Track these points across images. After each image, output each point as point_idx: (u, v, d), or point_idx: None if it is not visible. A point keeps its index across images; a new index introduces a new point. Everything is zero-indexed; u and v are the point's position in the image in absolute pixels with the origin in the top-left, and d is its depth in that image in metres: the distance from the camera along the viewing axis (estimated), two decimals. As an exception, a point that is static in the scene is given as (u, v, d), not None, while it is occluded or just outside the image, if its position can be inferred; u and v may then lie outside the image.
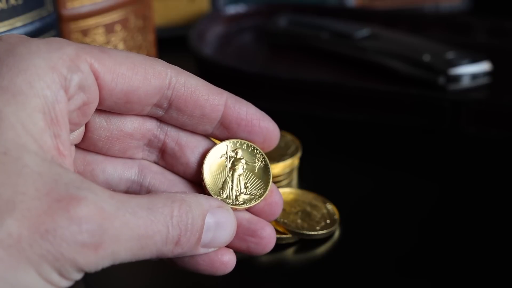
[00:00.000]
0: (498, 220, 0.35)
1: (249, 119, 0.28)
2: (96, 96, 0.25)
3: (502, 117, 0.43)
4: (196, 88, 0.27)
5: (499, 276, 0.31)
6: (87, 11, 0.42)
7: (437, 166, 0.41)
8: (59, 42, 0.25)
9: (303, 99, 0.47)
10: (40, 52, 0.24)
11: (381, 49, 0.50)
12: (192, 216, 0.25)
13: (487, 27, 0.55)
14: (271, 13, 0.59)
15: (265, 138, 0.29)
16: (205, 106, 0.28)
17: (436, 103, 0.44)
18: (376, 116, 0.45)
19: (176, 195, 0.25)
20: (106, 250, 0.22)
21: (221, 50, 0.55)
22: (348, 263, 0.32)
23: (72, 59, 0.24)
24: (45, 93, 0.23)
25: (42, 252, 0.21)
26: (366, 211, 0.36)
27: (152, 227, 0.23)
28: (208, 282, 0.31)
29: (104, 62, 0.25)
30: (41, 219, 0.21)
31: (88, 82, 0.25)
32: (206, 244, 0.26)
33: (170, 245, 0.24)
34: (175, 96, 0.27)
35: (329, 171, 0.40)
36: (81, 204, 0.22)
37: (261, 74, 0.48)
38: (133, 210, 0.23)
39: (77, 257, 0.22)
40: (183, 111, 0.27)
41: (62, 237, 0.21)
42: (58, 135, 0.24)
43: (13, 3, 0.33)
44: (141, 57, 0.27)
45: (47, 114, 0.23)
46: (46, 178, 0.22)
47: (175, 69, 0.27)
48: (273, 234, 0.29)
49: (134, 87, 0.26)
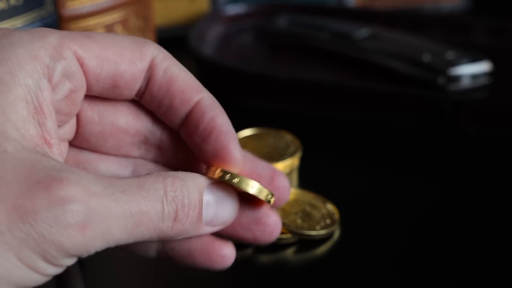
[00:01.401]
0: (498, 220, 0.35)
1: (210, 126, 0.26)
2: (82, 83, 0.25)
3: (502, 117, 0.43)
4: (175, 77, 0.26)
5: (499, 276, 0.31)
6: (87, 11, 0.42)
7: (437, 166, 0.41)
8: (42, 31, 0.24)
9: (303, 99, 0.47)
10: (22, 43, 0.23)
11: (381, 49, 0.50)
12: (188, 190, 0.24)
13: (487, 27, 0.55)
14: (271, 13, 0.59)
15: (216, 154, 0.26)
16: (176, 97, 0.26)
17: (436, 103, 0.44)
18: (376, 116, 0.45)
19: (168, 172, 0.24)
20: (95, 230, 0.21)
21: (221, 50, 0.55)
22: (348, 263, 0.32)
23: (55, 47, 0.24)
24: (27, 82, 0.23)
25: (22, 235, 0.20)
26: (366, 211, 0.36)
27: (145, 202, 0.23)
28: (208, 282, 0.31)
29: (89, 48, 0.25)
30: (20, 202, 0.20)
31: (73, 69, 0.24)
32: (209, 221, 0.25)
33: (168, 221, 0.23)
34: (151, 79, 0.26)
35: (329, 171, 0.40)
36: (62, 184, 0.21)
37: (261, 74, 0.48)
38: (122, 188, 0.22)
39: (61, 239, 0.21)
40: (154, 96, 0.27)
41: (44, 218, 0.20)
42: (43, 123, 0.23)
43: (13, 3, 0.33)
44: (128, 39, 0.26)
45: (30, 103, 0.23)
46: (25, 163, 0.21)
47: (163, 53, 0.27)
48: (279, 221, 0.28)
49: (120, 71, 0.26)
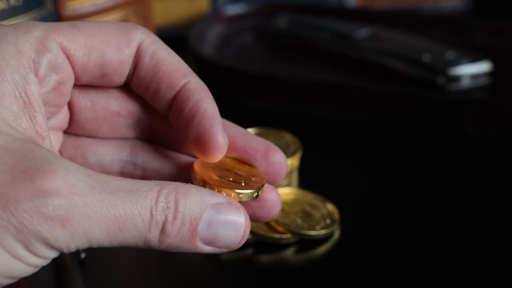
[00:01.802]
0: (498, 220, 0.35)
1: (193, 110, 0.26)
2: (70, 74, 0.25)
3: (502, 117, 0.43)
4: (161, 61, 0.27)
5: (499, 276, 0.31)
6: (87, 11, 0.42)
7: (437, 166, 0.41)
8: (27, 25, 0.24)
9: (303, 99, 0.47)
10: (7, 38, 0.24)
11: (381, 49, 0.50)
12: (185, 205, 0.23)
13: (487, 27, 0.55)
14: (271, 13, 0.59)
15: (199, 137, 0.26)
16: (162, 81, 0.26)
17: (436, 103, 0.44)
18: (376, 116, 0.45)
19: (171, 183, 0.24)
20: (76, 227, 0.21)
21: (221, 50, 0.55)
22: (348, 263, 0.32)
23: (40, 41, 0.24)
24: (14, 78, 0.23)
25: (3, 223, 0.20)
26: (366, 211, 0.36)
27: (132, 208, 0.22)
28: (208, 282, 0.31)
29: (74, 38, 0.25)
30: (3, 190, 0.21)
31: (59, 61, 0.25)
32: (208, 241, 0.24)
33: (155, 231, 0.23)
34: (138, 64, 0.26)
35: (329, 171, 0.40)
36: (47, 177, 0.21)
37: (261, 74, 0.48)
38: (111, 190, 0.22)
39: (41, 230, 0.21)
40: (141, 80, 0.27)
41: (25, 208, 0.21)
42: (34, 117, 0.23)
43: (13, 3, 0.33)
44: (114, 26, 0.26)
45: (19, 98, 0.23)
46: (15, 153, 0.21)
47: (151, 37, 0.27)
48: (278, 197, 0.28)
49: (107, 58, 0.26)
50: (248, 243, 0.33)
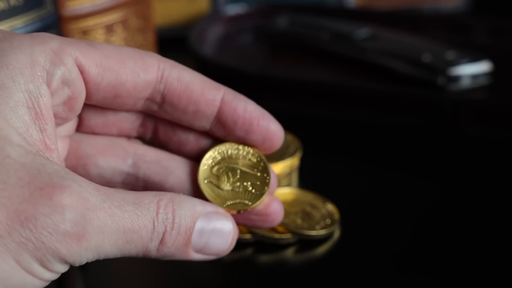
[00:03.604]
0: (498, 220, 0.35)
1: (247, 117, 0.27)
2: (82, 90, 0.25)
3: (502, 117, 0.43)
4: (190, 82, 0.27)
5: (498, 276, 0.31)
6: (87, 11, 0.42)
7: (437, 166, 0.41)
8: (43, 36, 0.24)
9: (303, 99, 0.47)
10: (23, 47, 0.23)
11: (381, 49, 0.50)
12: (180, 215, 0.24)
13: (487, 27, 0.55)
14: (271, 13, 0.59)
15: (265, 139, 0.28)
16: (200, 102, 0.27)
17: (436, 103, 0.44)
18: (376, 116, 0.45)
19: (166, 193, 0.25)
20: (90, 242, 0.22)
21: (221, 50, 0.55)
22: (348, 263, 0.32)
23: (56, 53, 0.24)
24: (28, 87, 0.23)
25: (21, 240, 0.21)
26: (366, 211, 0.36)
27: (138, 221, 0.23)
28: (209, 282, 0.31)
29: (90, 55, 0.25)
30: (22, 207, 0.21)
31: (72, 76, 0.24)
32: (199, 249, 0.25)
33: (155, 242, 0.24)
34: (168, 90, 0.26)
35: (329, 171, 0.40)
36: (64, 193, 0.21)
37: (261, 74, 0.48)
38: (119, 203, 0.23)
39: (59, 246, 0.21)
40: (177, 106, 0.27)
41: (44, 225, 0.21)
42: (44, 129, 0.23)
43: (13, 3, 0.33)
44: (131, 50, 0.26)
45: (31, 109, 0.23)
46: (29, 168, 0.21)
47: (169, 62, 0.27)
48: (280, 208, 0.28)
49: (121, 80, 0.25)
50: (248, 243, 0.33)
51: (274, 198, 0.28)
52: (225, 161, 0.28)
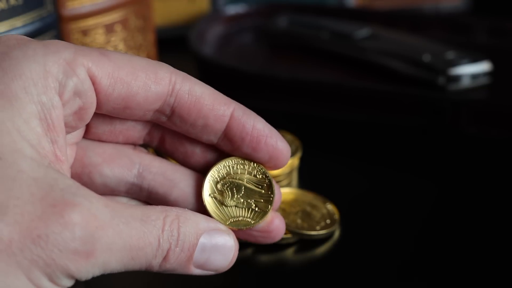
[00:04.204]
0: (498, 220, 0.35)
1: (255, 135, 0.27)
2: (93, 101, 0.25)
3: (502, 117, 0.43)
4: (201, 96, 0.26)
5: (498, 276, 0.31)
6: (87, 11, 0.42)
7: (437, 166, 0.41)
8: (57, 45, 0.24)
9: (303, 99, 0.47)
10: (36, 56, 0.23)
11: (381, 49, 0.50)
12: (185, 232, 0.25)
13: (487, 27, 0.55)
14: (271, 13, 0.59)
15: (271, 157, 0.28)
16: (209, 116, 0.27)
17: (436, 103, 0.44)
18: (376, 116, 0.45)
19: (172, 210, 0.25)
20: (98, 259, 0.22)
21: (221, 50, 0.55)
22: (348, 263, 0.32)
23: (69, 63, 0.24)
24: (41, 99, 0.23)
25: (33, 257, 0.21)
26: (366, 211, 0.36)
27: (144, 239, 0.23)
28: (208, 282, 0.31)
29: (103, 66, 0.25)
30: (34, 224, 0.21)
31: (84, 87, 0.24)
32: (200, 265, 0.26)
33: (159, 259, 0.24)
34: (178, 104, 0.26)
35: (329, 171, 0.40)
36: (75, 210, 0.22)
37: (261, 74, 0.48)
38: (126, 220, 0.23)
39: (68, 263, 0.21)
40: (186, 119, 0.27)
41: (54, 243, 0.21)
42: (55, 140, 0.23)
43: (13, 3, 0.33)
44: (144, 61, 0.26)
45: (43, 120, 0.23)
46: (41, 183, 0.22)
47: (181, 75, 0.26)
48: (282, 224, 0.29)
49: (132, 92, 0.25)
50: (248, 243, 0.33)
51: (276, 214, 0.29)
52: (230, 176, 0.28)
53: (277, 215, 0.29)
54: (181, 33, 0.58)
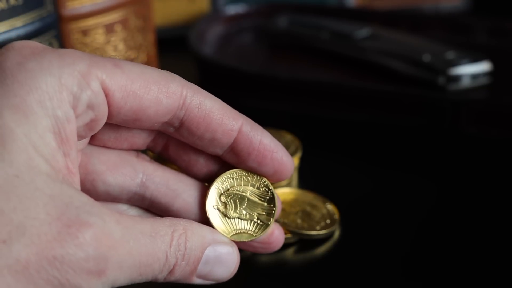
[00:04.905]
0: (498, 220, 0.35)
1: (261, 150, 0.27)
2: (105, 113, 0.25)
3: (502, 117, 0.43)
4: (211, 110, 0.26)
5: (498, 276, 0.31)
6: (87, 11, 0.42)
7: (437, 166, 0.41)
8: (72, 55, 0.24)
9: (303, 99, 0.47)
10: (52, 69, 0.23)
11: (381, 49, 0.50)
12: (191, 247, 0.25)
13: (487, 27, 0.55)
14: (271, 13, 0.59)
15: (276, 171, 0.28)
16: (217, 131, 0.27)
17: (436, 103, 0.44)
18: (376, 116, 0.45)
19: (179, 223, 0.25)
20: (109, 277, 0.23)
21: (221, 50, 0.55)
22: (348, 263, 0.32)
23: (83, 75, 0.24)
24: (55, 113, 0.23)
25: (49, 277, 0.21)
26: (366, 211, 0.36)
27: (153, 255, 0.24)
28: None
29: (116, 78, 0.24)
30: (50, 245, 0.21)
31: (98, 100, 0.24)
32: (202, 275, 0.26)
33: (165, 273, 0.24)
34: (188, 117, 0.26)
35: (329, 171, 0.40)
36: (90, 231, 0.22)
37: (261, 74, 0.48)
38: (136, 237, 0.23)
39: (82, 283, 0.22)
40: (194, 132, 0.27)
41: (69, 264, 0.21)
42: (68, 153, 0.24)
43: (13, 3, 0.33)
44: (156, 73, 0.26)
45: (57, 134, 0.23)
46: (57, 201, 0.22)
47: (192, 89, 0.26)
48: (281, 235, 0.29)
49: (144, 106, 0.25)
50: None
51: (276, 225, 0.29)
52: (233, 188, 0.28)
53: (277, 226, 0.29)
54: (181, 33, 0.58)
